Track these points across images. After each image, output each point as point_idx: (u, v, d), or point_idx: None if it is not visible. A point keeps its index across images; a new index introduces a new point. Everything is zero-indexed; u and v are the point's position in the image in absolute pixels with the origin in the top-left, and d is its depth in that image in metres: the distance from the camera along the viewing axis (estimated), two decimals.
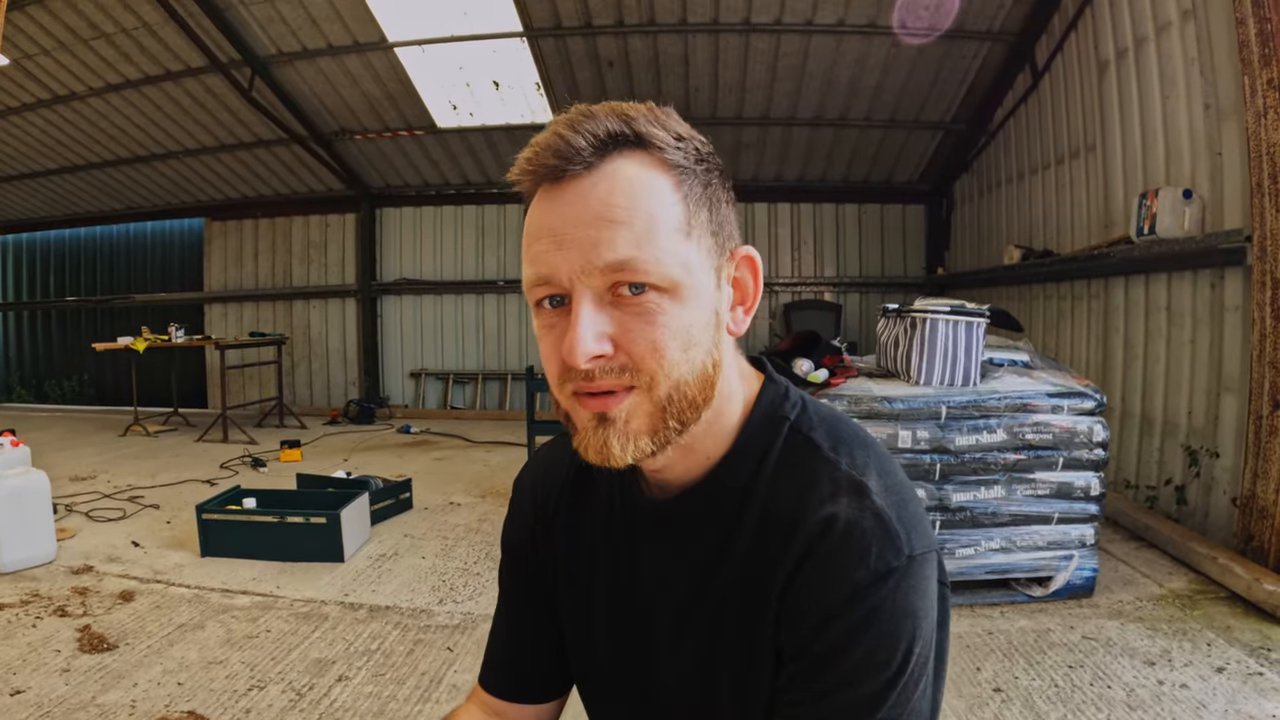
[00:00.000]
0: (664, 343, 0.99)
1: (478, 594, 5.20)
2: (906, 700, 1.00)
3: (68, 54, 10.79)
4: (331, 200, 14.17)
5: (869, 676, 0.99)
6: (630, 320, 0.99)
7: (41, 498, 5.78)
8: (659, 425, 1.03)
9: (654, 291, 0.99)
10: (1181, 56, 6.53)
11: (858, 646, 0.98)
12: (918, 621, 1.01)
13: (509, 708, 1.42)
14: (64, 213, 15.67)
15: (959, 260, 12.45)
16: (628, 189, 0.99)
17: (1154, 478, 6.80)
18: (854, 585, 0.99)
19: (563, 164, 0.99)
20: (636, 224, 0.98)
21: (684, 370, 1.01)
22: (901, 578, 1.00)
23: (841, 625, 0.99)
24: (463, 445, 10.68)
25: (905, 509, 1.05)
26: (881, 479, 1.07)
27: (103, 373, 15.88)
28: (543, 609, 1.40)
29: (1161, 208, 6.30)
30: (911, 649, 1.00)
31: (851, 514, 1.02)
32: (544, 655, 1.41)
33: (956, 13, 8.98)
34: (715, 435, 1.13)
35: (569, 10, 9.65)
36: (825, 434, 1.13)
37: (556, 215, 1.00)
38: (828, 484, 1.06)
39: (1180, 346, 6.58)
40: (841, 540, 1.01)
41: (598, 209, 0.98)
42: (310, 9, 9.88)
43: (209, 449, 10.27)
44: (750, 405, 1.16)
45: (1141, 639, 4.35)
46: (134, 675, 4.04)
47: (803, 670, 1.03)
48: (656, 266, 0.98)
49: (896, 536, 1.01)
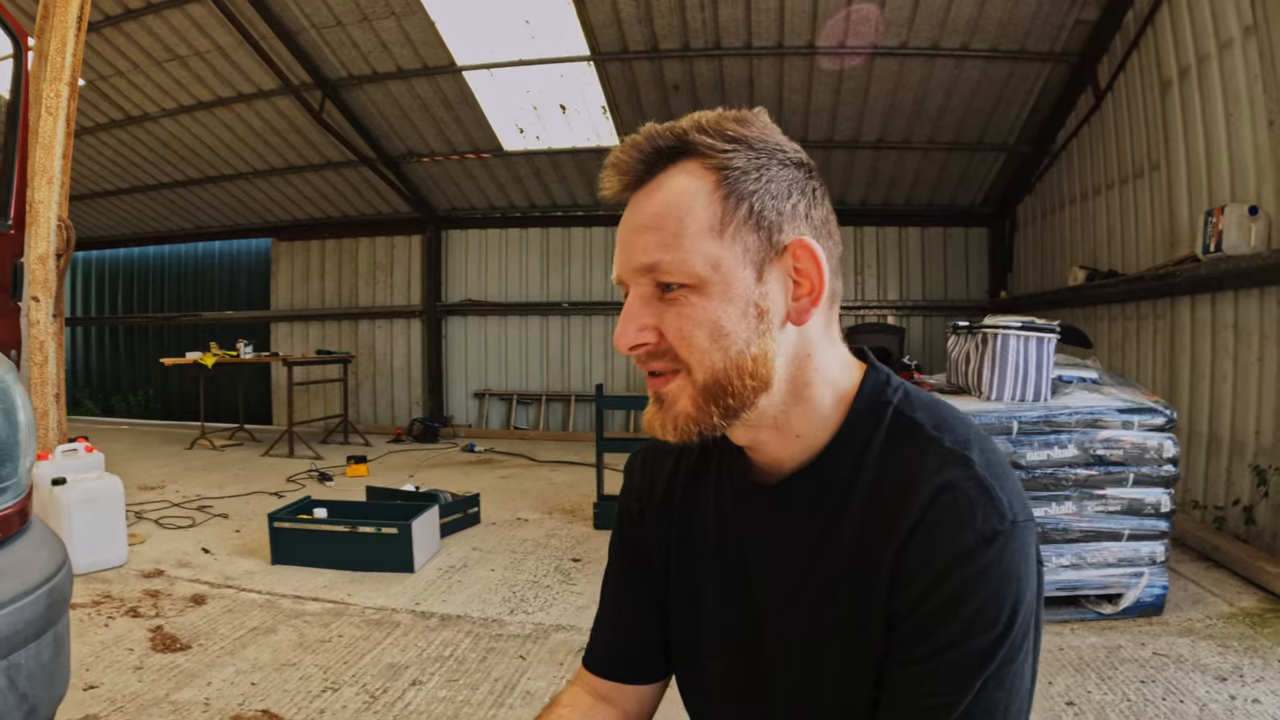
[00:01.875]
0: (692, 333, 1.11)
1: (548, 605, 5.15)
2: (1011, 660, 1.06)
3: (142, 75, 11.05)
4: (398, 222, 14.30)
5: (978, 634, 1.04)
6: (667, 313, 1.13)
7: (115, 502, 5.83)
8: (701, 410, 1.14)
9: (683, 288, 1.11)
10: (1244, 73, 6.41)
11: (968, 605, 1.04)
12: (1022, 585, 1.06)
13: (616, 689, 1.47)
14: (134, 231, 16.01)
15: (1022, 283, 12.26)
16: (664, 198, 1.12)
17: (1221, 498, 6.63)
18: (963, 547, 1.05)
19: (620, 180, 1.17)
20: (665, 229, 1.11)
21: (717, 359, 1.11)
22: (1006, 541, 1.05)
23: (951, 585, 1.05)
24: (527, 464, 10.66)
25: (1006, 480, 1.11)
26: (983, 454, 1.13)
27: (169, 388, 16.14)
28: (652, 588, 1.46)
29: (1227, 225, 6.17)
30: (1016, 610, 1.05)
31: (958, 483, 1.08)
32: (653, 634, 1.46)
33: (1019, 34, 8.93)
34: (808, 419, 1.20)
35: (635, 35, 9.68)
36: (927, 415, 1.19)
37: (622, 225, 1.17)
38: (934, 459, 1.12)
39: (1248, 365, 6.43)
40: (950, 507, 1.07)
41: (641, 218, 1.14)
42: (381, 33, 10.00)
43: (275, 463, 10.33)
44: (853, 392, 1.22)
45: (1212, 655, 4.26)
46: (207, 674, 4.02)
47: (915, 629, 1.08)
48: (681, 266, 1.10)
49: (1000, 503, 1.07)
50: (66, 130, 6.25)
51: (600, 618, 1.52)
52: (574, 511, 7.68)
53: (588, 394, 13.67)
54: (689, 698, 1.46)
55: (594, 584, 5.44)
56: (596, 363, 13.81)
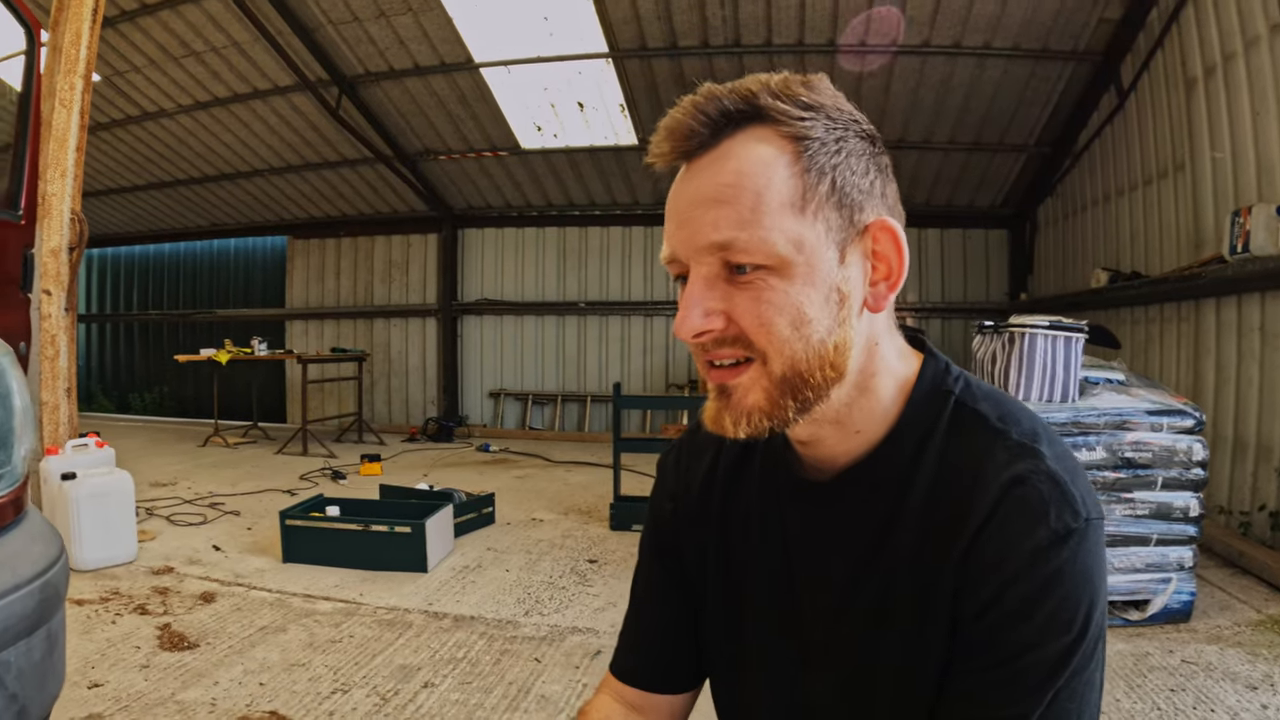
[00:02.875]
0: (771, 319, 1.00)
1: (564, 607, 5.05)
2: (1084, 668, 0.99)
3: (158, 71, 11.01)
4: (414, 220, 14.28)
5: (1051, 639, 0.97)
6: (740, 296, 1.01)
7: (125, 498, 5.76)
8: (775, 403, 1.03)
9: (761, 270, 0.99)
10: (1272, 70, 6.33)
11: (1042, 607, 0.97)
12: (1096, 586, 0.99)
13: (646, 699, 1.38)
14: (149, 228, 16.03)
15: (1042, 285, 12.15)
16: (736, 168, 0.99)
17: (1247, 503, 6.54)
18: (1036, 546, 0.97)
19: (680, 146, 1.03)
20: (741, 204, 0.98)
21: (798, 347, 1.01)
22: (1080, 540, 0.98)
23: (1024, 588, 0.97)
24: (543, 464, 10.59)
25: (1077, 475, 1.04)
26: (1052, 447, 1.05)
27: (183, 385, 16.15)
28: (687, 591, 1.37)
29: (1255, 225, 6.07)
30: (1091, 613, 0.98)
31: (1029, 477, 1.01)
32: (686, 640, 1.37)
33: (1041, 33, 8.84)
34: (870, 413, 1.12)
35: (654, 32, 9.60)
36: (991, 407, 1.11)
37: (679, 196, 1.04)
38: (1001, 452, 1.04)
39: (1275, 368, 6.36)
40: (1022, 502, 0.99)
41: (708, 190, 1.00)
42: (398, 29, 9.94)
43: (289, 461, 10.28)
44: (912, 382, 1.14)
45: (1242, 664, 4.18)
46: (214, 674, 3.94)
47: (983, 634, 1.00)
48: (761, 245, 0.98)
49: (1074, 499, 1.00)
50: (80, 123, 6.20)
51: (629, 622, 1.43)
52: (590, 512, 7.59)
53: (604, 395, 13.62)
54: (725, 710, 1.36)
55: (611, 586, 5.38)
56: (613, 363, 13.74)
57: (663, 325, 13.64)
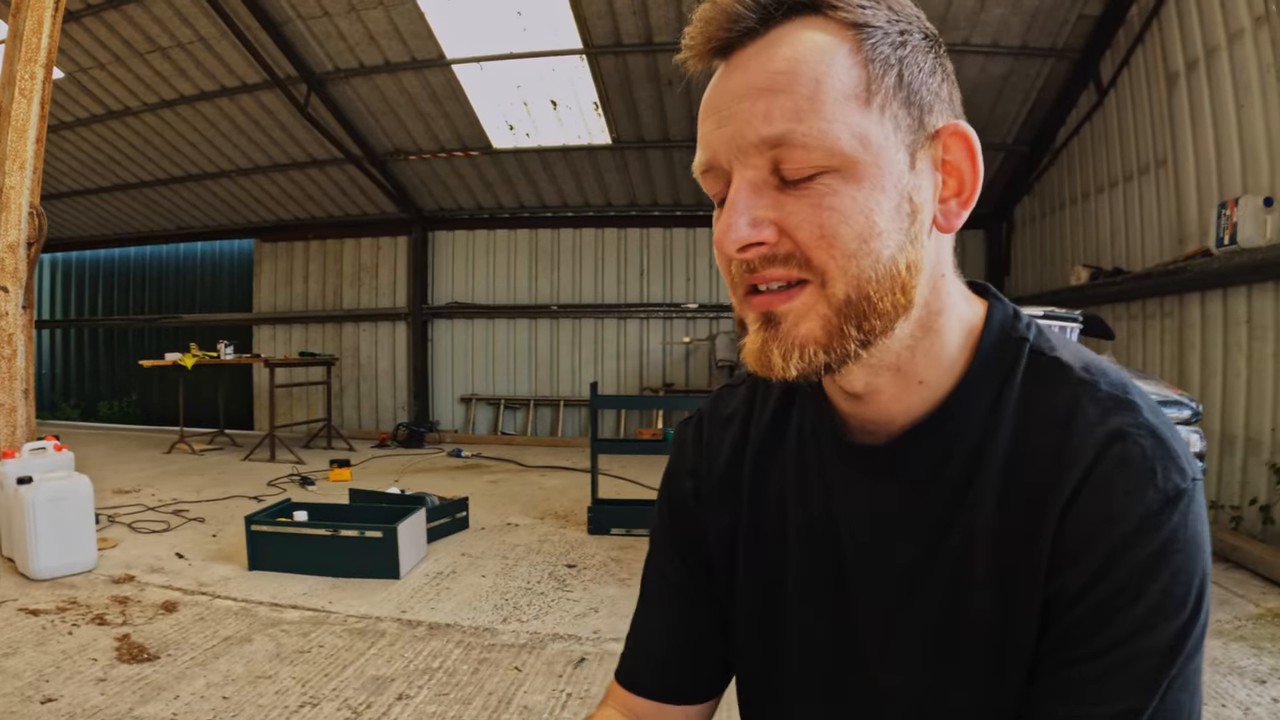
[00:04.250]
0: (835, 228, 0.83)
1: (544, 613, 4.87)
2: (1196, 652, 0.85)
3: (123, 68, 10.76)
4: (383, 222, 14.09)
5: (1164, 619, 0.83)
6: (795, 203, 0.84)
7: (83, 504, 5.54)
8: (835, 333, 0.87)
9: (821, 174, 0.83)
10: (1256, 63, 6.35)
11: (1154, 582, 0.83)
12: (1206, 555, 0.86)
13: (658, 711, 1.20)
14: (114, 231, 15.73)
15: (1021, 284, 12.13)
16: (790, 54, 0.84)
17: (1237, 497, 6.54)
18: (1147, 509, 0.83)
19: (723, 33, 0.87)
20: (797, 91, 0.83)
21: (865, 265, 0.85)
22: (1190, 501, 0.84)
23: (1134, 558, 0.83)
24: (516, 469, 10.40)
25: (1174, 431, 0.89)
26: (1143, 399, 0.91)
27: (149, 392, 15.88)
28: (709, 587, 1.20)
29: (1242, 217, 6.13)
30: (1204, 587, 0.85)
31: (1130, 432, 0.86)
32: (708, 644, 1.20)
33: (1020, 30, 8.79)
34: (936, 359, 0.95)
35: (629, 27, 9.45)
36: (1072, 355, 0.96)
37: (719, 91, 0.88)
38: (1092, 404, 0.90)
39: (1262, 360, 6.37)
40: (1124, 461, 0.85)
41: (758, 79, 0.84)
42: (369, 24, 9.74)
43: (255, 467, 10.06)
44: (979, 328, 0.98)
45: (1247, 658, 4.15)
46: (175, 687, 3.73)
47: (1086, 615, 0.85)
48: (821, 140, 0.82)
49: (1178, 456, 0.86)
50: (40, 114, 6.05)
51: (639, 624, 1.25)
52: (566, 517, 7.41)
53: (577, 399, 13.48)
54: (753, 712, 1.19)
55: (591, 591, 5.22)
56: (586, 367, 13.59)
57: (636, 328, 13.52)
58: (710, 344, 12.43)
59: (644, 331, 13.51)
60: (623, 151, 11.94)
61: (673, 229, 13.47)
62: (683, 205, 13.27)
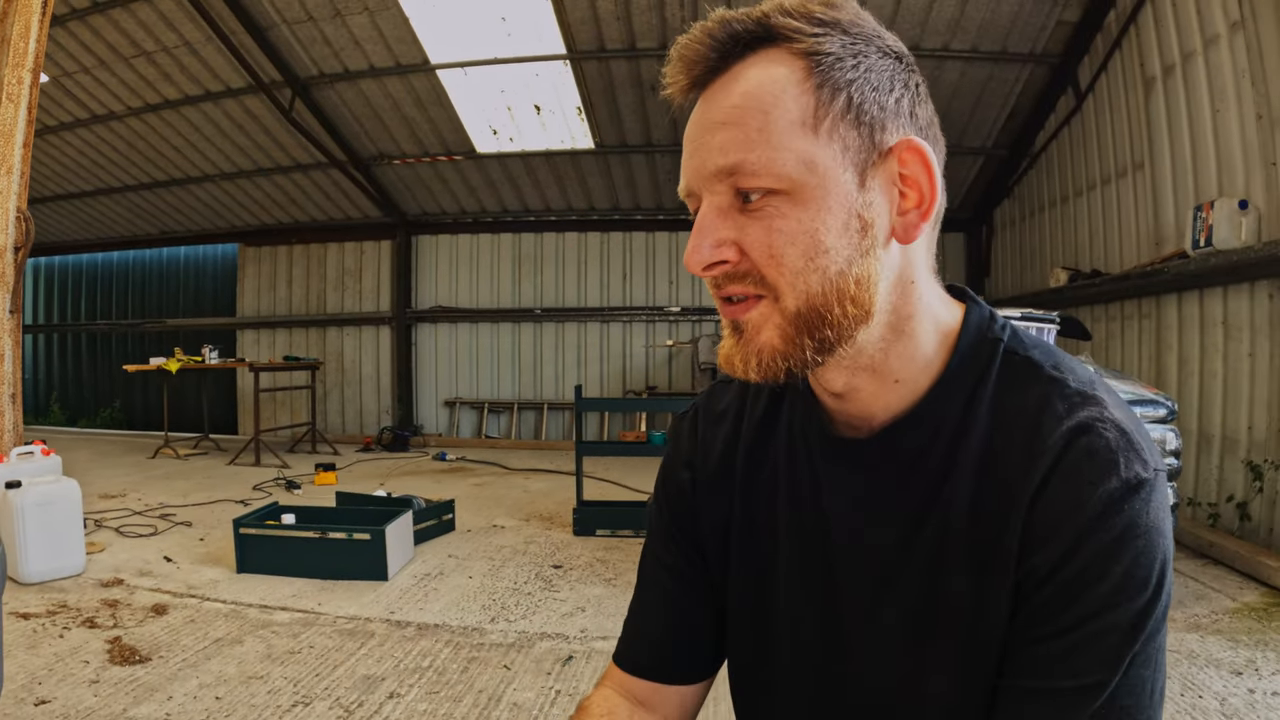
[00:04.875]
0: (782, 249, 0.92)
1: (531, 613, 4.92)
2: (1157, 631, 0.92)
3: (108, 72, 10.76)
4: (367, 227, 14.08)
5: (1127, 599, 0.89)
6: (750, 225, 0.93)
7: (72, 508, 5.55)
8: (791, 342, 0.95)
9: (771, 195, 0.91)
10: (1231, 68, 6.44)
11: (1117, 564, 0.89)
12: (1168, 540, 0.92)
13: (656, 691, 1.26)
14: (98, 236, 15.67)
15: (1000, 287, 12.24)
16: (743, 89, 0.93)
17: (1214, 495, 6.65)
18: (1108, 497, 0.89)
19: (690, 71, 0.96)
20: (748, 124, 0.91)
21: (813, 280, 0.92)
22: (1152, 490, 0.91)
23: (1099, 541, 0.89)
24: (501, 472, 10.43)
25: (1139, 424, 0.96)
26: (1111, 395, 0.98)
27: (133, 397, 15.82)
28: (703, 573, 1.26)
29: (1218, 219, 6.21)
30: (1165, 570, 0.91)
31: (1095, 425, 0.93)
32: (701, 627, 1.26)
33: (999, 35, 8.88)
34: (910, 360, 1.02)
35: (613, 33, 9.51)
36: (1044, 355, 1.03)
37: (693, 124, 0.97)
38: (1060, 400, 0.96)
39: (1238, 360, 6.46)
40: (1088, 452, 0.92)
41: (716, 114, 0.94)
42: (354, 29, 9.77)
43: (241, 471, 10.05)
44: (956, 330, 1.05)
45: (1224, 650, 4.25)
46: (168, 688, 3.77)
47: (1053, 596, 0.91)
48: (769, 167, 0.90)
49: (1141, 449, 0.92)
50: (28, 119, 6.05)
51: (636, 608, 1.31)
52: (552, 518, 7.45)
53: (560, 402, 13.51)
54: (746, 703, 1.25)
55: (578, 591, 5.26)
56: (569, 370, 13.61)
57: (619, 332, 13.55)
58: (693, 347, 12.47)
59: (627, 335, 13.55)
60: (606, 156, 11.98)
61: (655, 233, 13.52)
62: (665, 209, 13.32)
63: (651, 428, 12.34)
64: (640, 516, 6.79)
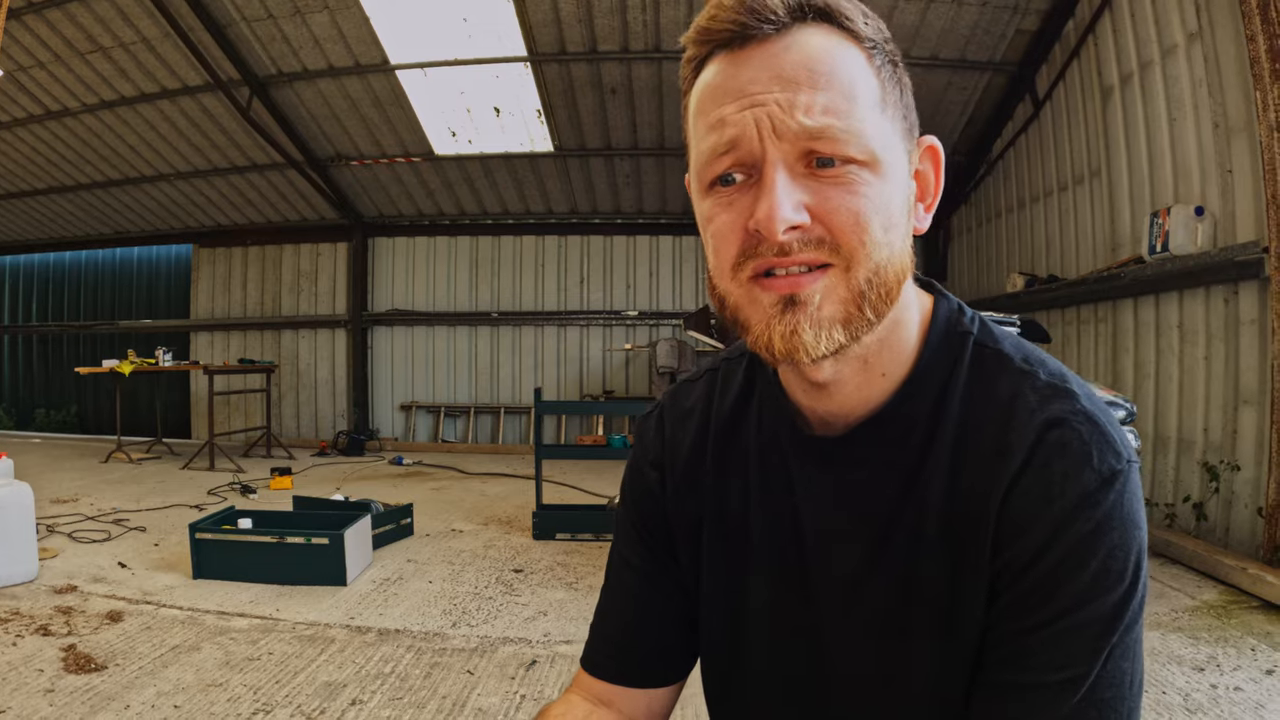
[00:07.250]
0: (868, 216, 0.89)
1: (493, 617, 4.89)
2: (1135, 622, 0.92)
3: (63, 67, 10.57)
4: (324, 229, 13.97)
5: (1104, 591, 0.89)
6: (829, 190, 0.89)
7: (24, 512, 5.45)
8: (853, 314, 0.92)
9: (853, 164, 0.89)
10: (1189, 78, 6.55)
11: (1093, 556, 0.89)
12: (1143, 532, 0.93)
13: (622, 694, 1.24)
14: (49, 235, 15.41)
15: (957, 292, 11.93)
16: (825, 55, 0.90)
17: (1171, 495, 6.76)
18: (1084, 489, 0.90)
19: (755, 23, 0.90)
20: (836, 90, 0.89)
21: (885, 254, 0.91)
22: (1125, 482, 0.91)
23: (1074, 533, 0.90)
24: (458, 476, 10.39)
25: (1110, 416, 0.97)
26: (1082, 387, 0.98)
27: (85, 401, 15.57)
28: (674, 574, 1.24)
29: (1174, 225, 6.32)
30: (1140, 561, 0.91)
31: (1067, 418, 0.94)
32: (671, 629, 1.24)
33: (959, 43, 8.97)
34: (897, 353, 1.02)
35: (574, 35, 9.50)
36: (1013, 348, 1.04)
37: (746, 76, 0.91)
38: (1031, 393, 0.97)
39: (1194, 363, 6.57)
40: (1061, 445, 0.92)
41: (793, 72, 0.89)
42: (314, 28, 9.69)
43: (195, 476, 9.93)
44: (926, 322, 1.06)
45: (1185, 647, 4.35)
46: (125, 697, 3.70)
47: (1030, 589, 0.92)
48: (857, 138, 0.88)
49: (1114, 440, 0.93)
50: None
51: (603, 609, 1.29)
52: (511, 522, 7.42)
53: (517, 406, 13.49)
54: (720, 703, 1.24)
55: (539, 595, 5.24)
56: (526, 374, 13.59)
57: (577, 336, 13.55)
58: (650, 351, 12.46)
59: (584, 339, 13.54)
60: (565, 159, 11.98)
61: (613, 237, 13.54)
62: (623, 213, 13.34)
63: (610, 431, 12.33)
64: (600, 520, 6.79)
